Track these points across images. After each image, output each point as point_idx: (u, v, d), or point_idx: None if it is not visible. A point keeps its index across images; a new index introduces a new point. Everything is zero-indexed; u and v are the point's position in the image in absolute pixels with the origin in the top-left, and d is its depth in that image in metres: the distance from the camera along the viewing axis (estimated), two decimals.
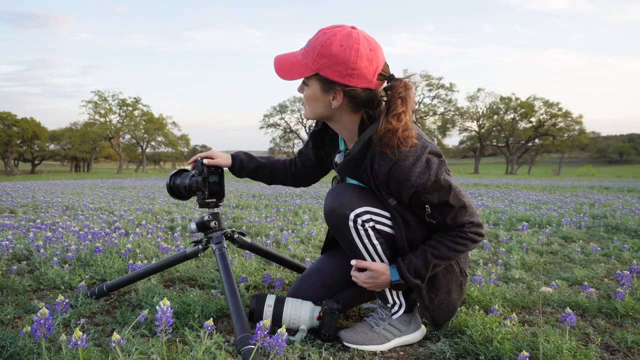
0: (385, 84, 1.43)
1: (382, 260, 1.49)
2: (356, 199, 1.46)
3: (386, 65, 1.43)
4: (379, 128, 1.35)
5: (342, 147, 1.65)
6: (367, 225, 1.44)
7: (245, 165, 1.83)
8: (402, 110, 1.34)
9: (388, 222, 1.47)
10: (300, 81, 1.48)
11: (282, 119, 53.35)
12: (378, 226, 1.46)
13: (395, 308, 1.58)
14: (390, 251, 1.49)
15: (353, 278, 1.51)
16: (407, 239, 1.46)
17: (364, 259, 1.49)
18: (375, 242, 1.46)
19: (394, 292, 1.56)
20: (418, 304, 1.54)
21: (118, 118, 50.19)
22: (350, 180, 1.61)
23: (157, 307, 1.20)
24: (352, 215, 1.43)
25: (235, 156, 1.83)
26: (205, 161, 1.72)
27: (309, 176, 1.89)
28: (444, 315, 1.56)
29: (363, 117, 1.48)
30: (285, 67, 1.44)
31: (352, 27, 1.38)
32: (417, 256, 1.43)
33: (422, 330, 1.64)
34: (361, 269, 1.50)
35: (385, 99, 1.42)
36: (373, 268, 1.46)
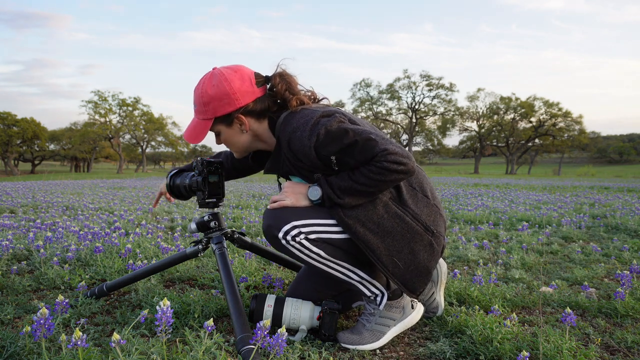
0: (268, 86, 1.59)
1: (336, 264, 1.50)
2: (283, 216, 1.47)
3: (257, 74, 1.57)
4: (295, 125, 1.44)
5: None
6: (297, 238, 1.44)
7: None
8: (292, 98, 1.51)
9: (320, 228, 1.47)
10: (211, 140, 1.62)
11: None
12: (312, 235, 1.45)
13: (379, 298, 1.56)
14: (340, 251, 1.49)
15: (270, 206, 1.52)
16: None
17: (317, 270, 1.51)
18: (317, 250, 1.46)
19: (369, 284, 1.55)
20: (385, 276, 1.51)
21: (118, 118, 50.16)
22: (294, 178, 1.63)
23: (157, 307, 1.20)
24: (280, 234, 1.45)
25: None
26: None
27: (246, 170, 1.95)
28: (417, 279, 1.49)
29: (269, 119, 1.58)
30: (192, 133, 1.56)
31: (213, 68, 1.55)
32: (337, 176, 1.45)
33: (419, 310, 1.63)
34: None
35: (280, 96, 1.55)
36: (283, 193, 1.52)
